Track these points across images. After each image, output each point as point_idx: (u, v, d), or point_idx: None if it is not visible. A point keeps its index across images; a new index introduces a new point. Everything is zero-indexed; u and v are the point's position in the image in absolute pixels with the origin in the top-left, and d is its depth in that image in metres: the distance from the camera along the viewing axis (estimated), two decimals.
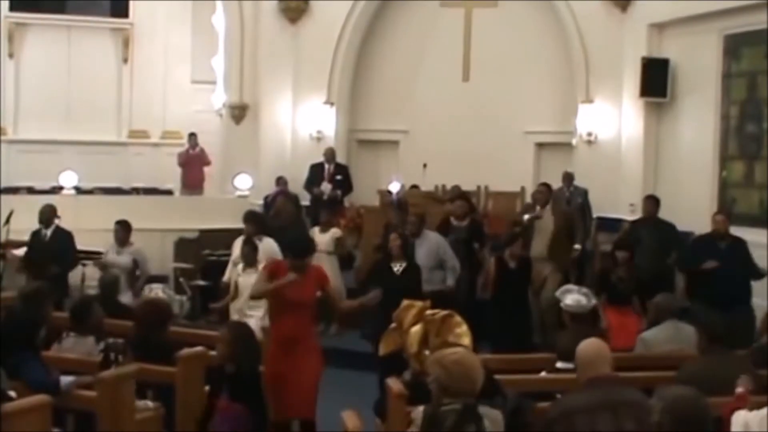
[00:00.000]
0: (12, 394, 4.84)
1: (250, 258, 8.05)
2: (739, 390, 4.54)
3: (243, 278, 8.09)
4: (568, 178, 12.21)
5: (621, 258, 8.65)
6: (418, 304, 5.36)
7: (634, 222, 10.67)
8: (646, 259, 9.35)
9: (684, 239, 10.19)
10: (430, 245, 8.97)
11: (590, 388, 4.24)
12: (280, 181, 13.63)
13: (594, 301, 6.77)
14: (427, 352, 5.01)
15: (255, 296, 6.68)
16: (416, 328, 5.17)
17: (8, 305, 6.32)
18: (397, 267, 8.01)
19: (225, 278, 9.23)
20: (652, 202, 10.25)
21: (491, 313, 8.72)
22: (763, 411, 4.28)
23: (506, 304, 8.65)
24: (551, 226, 9.96)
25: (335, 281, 9.33)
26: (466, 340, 4.97)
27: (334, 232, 10.49)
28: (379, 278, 7.93)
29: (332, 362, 7.04)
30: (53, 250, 9.89)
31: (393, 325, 5.43)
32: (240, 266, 8.39)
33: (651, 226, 9.97)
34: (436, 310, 5.21)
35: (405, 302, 5.40)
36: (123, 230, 9.87)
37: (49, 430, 4.83)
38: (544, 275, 9.63)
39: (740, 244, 8.91)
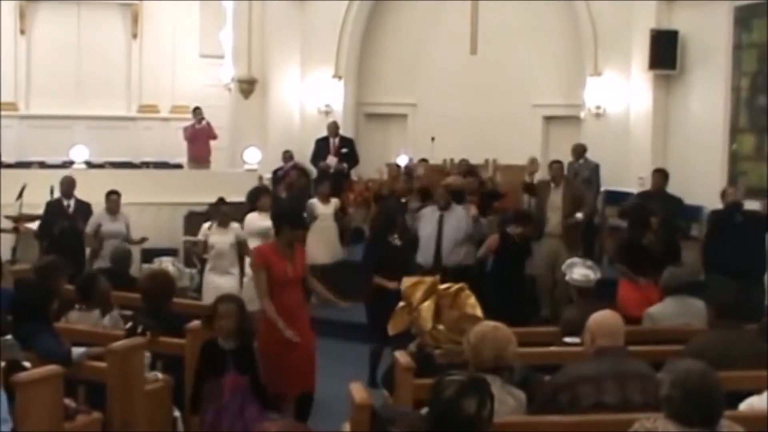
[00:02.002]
0: (27, 364, 4.90)
1: (225, 220, 8.69)
2: None
3: (213, 237, 8.63)
4: (577, 150, 12.15)
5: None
6: (428, 279, 5.24)
7: (640, 195, 10.61)
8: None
9: (691, 213, 10.15)
10: (459, 219, 8.98)
11: (598, 357, 4.25)
12: (286, 154, 13.65)
13: (599, 274, 6.71)
14: (440, 327, 5.01)
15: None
16: (427, 304, 5.09)
17: (22, 277, 6.40)
18: (395, 240, 8.13)
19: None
20: (660, 175, 10.19)
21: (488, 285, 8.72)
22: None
23: (504, 277, 8.65)
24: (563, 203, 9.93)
25: (336, 248, 10.57)
26: (479, 312, 4.98)
27: (335, 202, 10.89)
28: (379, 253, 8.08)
29: (326, 333, 7.38)
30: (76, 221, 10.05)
31: (401, 303, 5.36)
32: (211, 225, 8.84)
33: (658, 200, 9.85)
34: (448, 284, 5.16)
35: (412, 279, 5.29)
36: (119, 199, 10.06)
37: (61, 400, 4.90)
38: (558, 252, 9.59)
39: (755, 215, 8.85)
